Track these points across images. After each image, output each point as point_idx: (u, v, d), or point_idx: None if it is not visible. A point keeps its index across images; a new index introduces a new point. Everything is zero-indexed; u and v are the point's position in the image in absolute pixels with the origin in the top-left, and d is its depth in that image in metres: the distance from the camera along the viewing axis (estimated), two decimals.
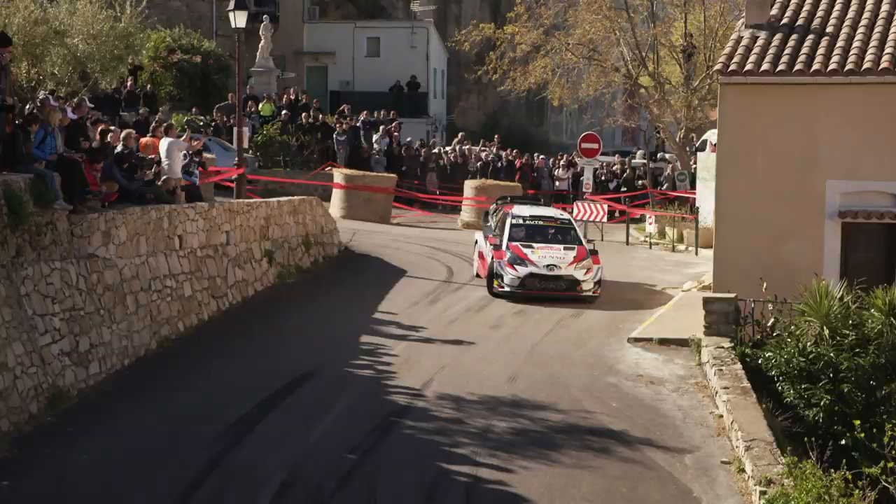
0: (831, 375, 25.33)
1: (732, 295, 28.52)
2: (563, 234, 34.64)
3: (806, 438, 23.67)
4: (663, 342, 28.65)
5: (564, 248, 33.39)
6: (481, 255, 34.63)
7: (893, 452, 21.85)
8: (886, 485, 21.48)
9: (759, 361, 26.59)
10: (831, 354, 25.49)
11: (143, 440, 20.84)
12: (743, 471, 21.76)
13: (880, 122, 30.22)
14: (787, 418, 25.37)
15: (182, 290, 26.91)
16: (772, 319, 27.99)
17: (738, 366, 26.20)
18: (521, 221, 34.67)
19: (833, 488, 20.30)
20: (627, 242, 45.45)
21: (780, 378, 25.97)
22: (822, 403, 25.12)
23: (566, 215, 37.91)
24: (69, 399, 22.12)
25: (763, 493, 20.46)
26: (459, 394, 24.45)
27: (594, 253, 34.03)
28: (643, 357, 27.83)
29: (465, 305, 31.50)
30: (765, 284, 28.32)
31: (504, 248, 32.84)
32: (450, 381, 25.25)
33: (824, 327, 26.04)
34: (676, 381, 26.43)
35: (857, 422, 23.65)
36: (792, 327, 26.94)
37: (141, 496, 18.49)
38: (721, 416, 24.34)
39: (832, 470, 21.21)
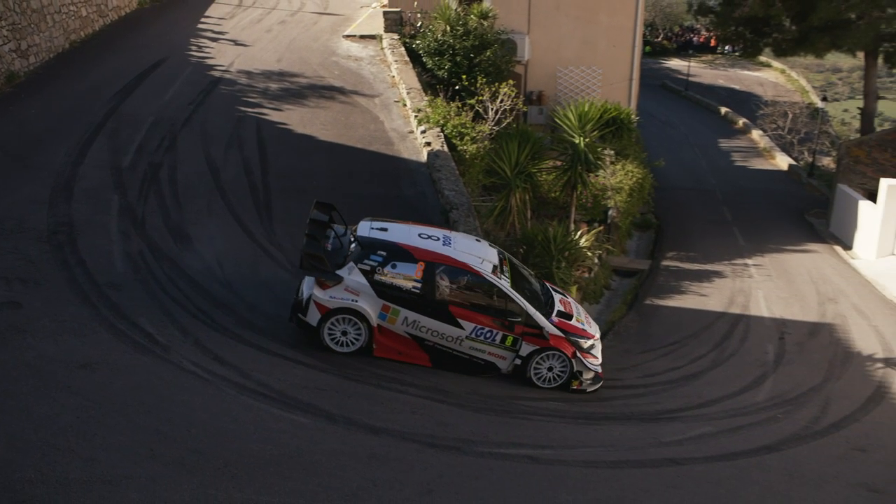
0: (451, 52, 26.35)
1: (398, 9, 28.96)
2: None
3: (438, 86, 25.48)
4: (363, 37, 28.76)
5: None
6: None
7: (480, 94, 24.17)
8: (478, 108, 24.30)
9: (413, 46, 27.34)
10: (451, 40, 26.44)
11: (67, 100, 20.92)
12: (405, 105, 23.00)
13: None
14: (429, 76, 26.44)
15: (80, 12, 26.08)
16: (419, 22, 28.46)
17: (402, 49, 27.01)
18: None
19: (452, 111, 22.12)
20: None
21: (425, 54, 26.92)
22: (446, 67, 26.31)
23: None
24: (19, 78, 21.87)
25: (415, 115, 21.90)
26: (250, 69, 24.59)
27: None
28: (352, 46, 28.05)
29: (250, 20, 30.67)
30: (415, 3, 29.07)
31: None
32: (244, 62, 25.17)
33: (447, 25, 26.70)
34: (369, 58, 26.84)
35: (464, 76, 25.42)
36: (430, 26, 27.45)
37: (69, 135, 18.89)
38: (393, 77, 25.13)
39: (451, 102, 23.06)
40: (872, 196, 28.38)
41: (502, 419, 11.49)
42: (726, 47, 64.34)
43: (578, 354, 13.49)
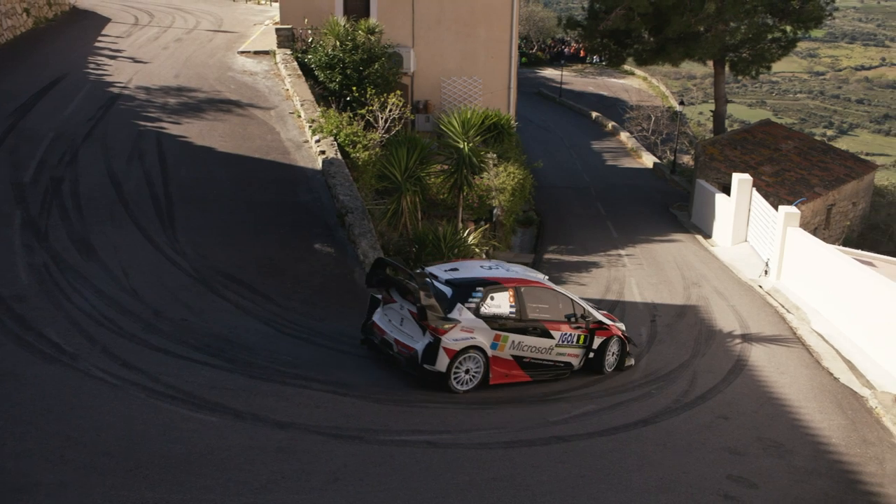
0: (341, 66, 26.20)
1: (290, 26, 28.71)
2: None
3: (330, 98, 25.41)
4: (257, 53, 28.35)
5: None
6: None
7: (371, 105, 23.90)
8: (369, 117, 24.28)
9: (306, 60, 27.06)
10: (341, 55, 26.27)
11: None
12: (300, 116, 22.79)
13: None
14: (321, 88, 26.20)
15: None
16: (311, 38, 28.16)
17: (295, 63, 26.74)
18: None
19: (344, 121, 22.17)
20: (234, 0, 43.25)
21: (317, 68, 26.68)
22: (337, 80, 26.18)
23: None
24: None
25: (310, 126, 21.68)
26: (148, 85, 24.00)
27: None
28: (247, 61, 27.64)
29: (146, 38, 30.04)
30: (306, 20, 28.87)
31: None
32: (142, 79, 24.56)
33: (337, 40, 26.50)
34: (264, 73, 26.50)
35: (355, 88, 25.26)
36: (321, 42, 27.17)
37: None
38: (288, 90, 24.86)
39: (343, 112, 23.01)
40: (727, 189, 29.36)
41: (402, 409, 11.44)
42: (594, 57, 65.57)
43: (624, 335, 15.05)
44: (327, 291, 15.77)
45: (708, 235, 30.33)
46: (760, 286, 23.18)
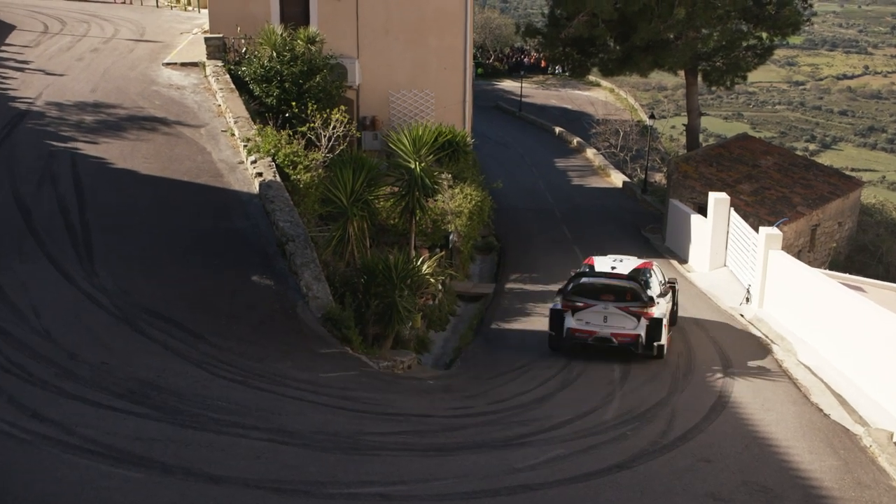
0: (279, 78, 26.09)
1: (221, 35, 28.60)
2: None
3: (268, 114, 25.15)
4: (184, 65, 28.16)
5: None
6: None
7: (312, 121, 24.28)
8: (310, 135, 24.17)
9: (239, 73, 26.97)
10: (278, 66, 26.17)
11: None
12: (234, 135, 22.74)
13: None
14: (257, 104, 26.13)
15: None
16: (244, 48, 28.19)
17: (228, 76, 26.61)
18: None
19: (283, 139, 22.00)
20: (157, 6, 43.20)
21: (252, 82, 26.62)
22: (275, 94, 26.05)
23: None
24: None
25: (245, 145, 21.66)
26: (60, 101, 23.74)
27: None
28: (173, 74, 27.44)
29: (58, 48, 29.66)
30: (238, 28, 28.73)
31: None
32: (53, 93, 24.27)
33: (273, 51, 26.43)
34: (193, 87, 26.37)
35: (294, 103, 25.19)
36: (256, 52, 27.12)
37: None
38: (220, 105, 24.80)
39: (282, 130, 22.86)
40: (703, 210, 29.69)
41: (351, 457, 11.30)
42: (556, 68, 66.26)
43: None
44: (267, 328, 15.62)
45: (684, 260, 30.64)
46: (742, 315, 23.44)
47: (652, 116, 48.14)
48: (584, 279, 19.66)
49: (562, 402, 16.29)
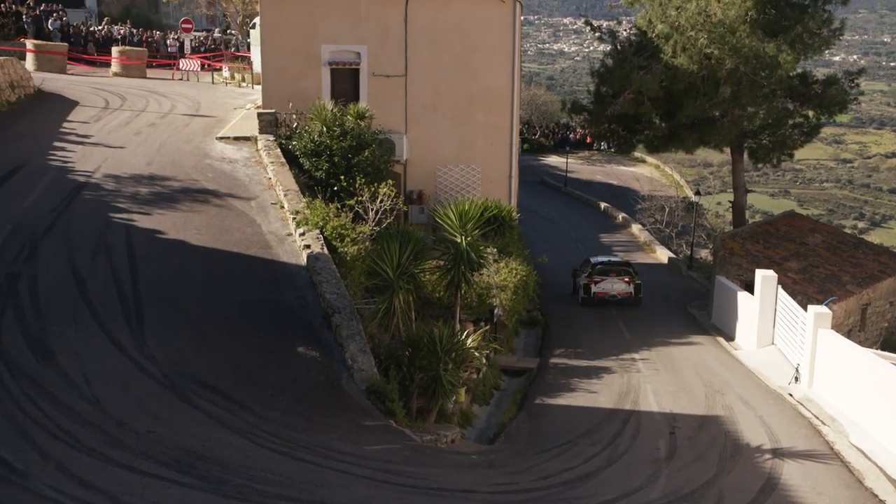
0: (328, 153, 26.47)
1: (273, 111, 29.13)
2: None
3: (316, 188, 25.43)
4: (237, 139, 28.58)
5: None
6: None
7: (360, 195, 24.40)
8: (358, 208, 24.38)
9: (290, 147, 27.32)
10: (328, 141, 26.54)
11: None
12: (283, 207, 22.88)
13: (348, 12, 30.73)
14: (306, 177, 26.37)
15: None
16: (295, 123, 28.64)
17: (278, 150, 26.97)
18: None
19: (331, 212, 22.01)
20: (213, 82, 44.08)
21: (302, 155, 26.94)
22: (324, 168, 26.39)
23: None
24: None
25: (294, 217, 21.77)
26: (117, 173, 24.08)
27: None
28: (226, 148, 27.87)
29: (117, 122, 30.31)
30: (290, 104, 29.23)
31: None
32: (111, 166, 24.64)
33: (323, 126, 26.83)
34: (244, 160, 26.74)
35: (343, 177, 25.42)
36: (307, 127, 27.61)
37: None
38: (270, 178, 25.05)
39: (330, 203, 23.06)
40: (749, 287, 29.33)
41: None
42: (601, 144, 66.56)
43: None
44: (311, 400, 15.57)
45: (730, 337, 30.20)
46: (790, 394, 22.96)
47: (697, 193, 47.92)
48: (598, 266, 35.87)
49: (607, 479, 15.99)
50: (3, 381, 13.39)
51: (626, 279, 34.77)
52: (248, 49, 46.94)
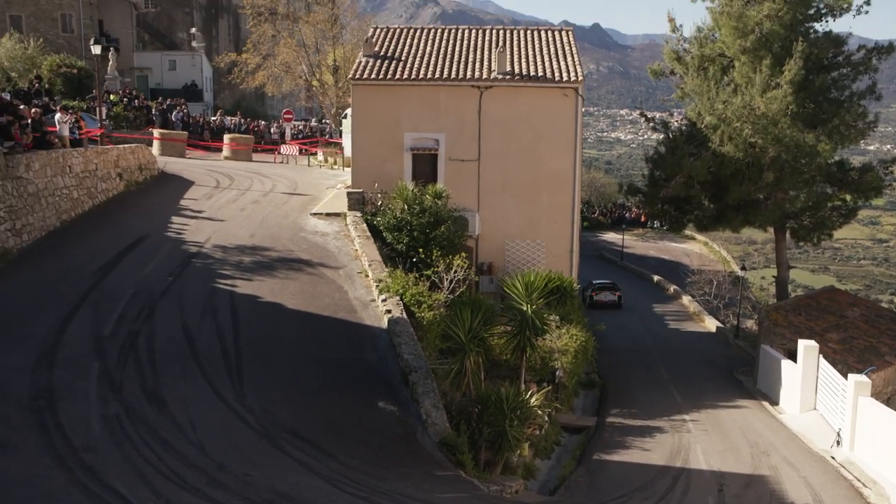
0: (409, 228, 26.76)
1: (361, 190, 29.70)
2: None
3: (397, 259, 25.66)
4: (328, 215, 29.02)
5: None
6: None
7: (436, 266, 24.36)
8: (434, 278, 24.49)
9: (375, 222, 27.69)
10: (408, 217, 26.90)
11: (54, 274, 20.67)
12: (368, 276, 23.06)
13: (428, 104, 31.31)
14: (388, 249, 26.64)
15: (72, 195, 26.22)
16: (380, 201, 29.04)
17: (364, 225, 27.38)
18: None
19: (410, 281, 22.14)
20: (308, 165, 44.73)
21: (385, 230, 27.25)
22: (404, 241, 26.66)
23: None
24: (11, 255, 21.66)
25: (377, 285, 21.95)
26: (224, 244, 24.63)
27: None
28: (318, 223, 28.28)
29: (226, 200, 30.96)
30: (376, 184, 29.72)
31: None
32: (219, 238, 25.21)
33: (405, 204, 27.25)
34: (334, 234, 27.04)
35: (421, 250, 25.57)
36: (390, 205, 28.01)
37: (55, 306, 18.63)
38: (356, 250, 25.28)
39: (410, 273, 23.19)
40: (792, 355, 28.66)
41: None
42: (655, 222, 66.09)
43: None
44: (389, 451, 15.56)
45: (775, 402, 29.40)
46: (833, 457, 22.21)
47: (743, 268, 47.22)
48: (597, 285, 47.61)
49: None
50: (122, 425, 13.69)
51: (615, 292, 47.31)
52: (340, 136, 47.81)
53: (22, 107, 27.62)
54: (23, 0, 61.66)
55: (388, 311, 20.71)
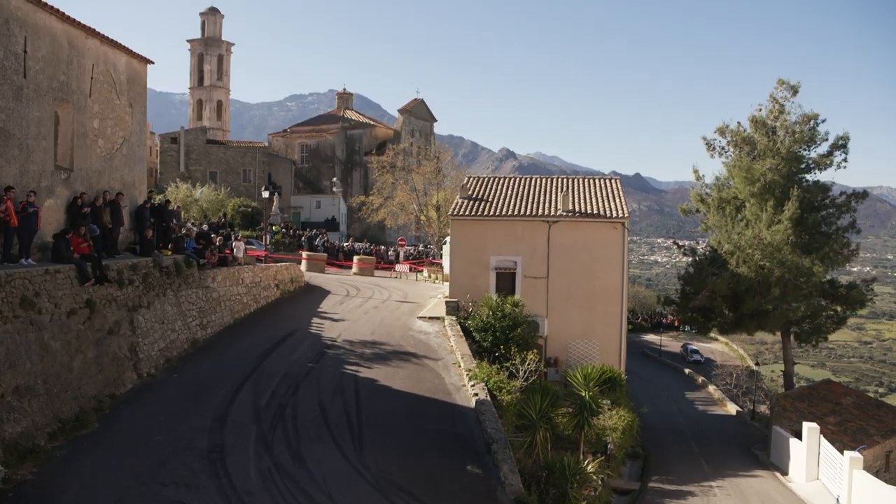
0: (493, 329, 26.42)
1: (456, 299, 29.59)
2: None
3: (483, 353, 25.20)
4: (430, 318, 28.73)
5: None
6: None
7: (513, 360, 23.77)
8: (512, 369, 23.97)
9: (466, 324, 27.37)
10: (493, 321, 26.59)
11: (228, 359, 21.00)
12: (460, 366, 22.65)
13: (509, 234, 31.10)
14: (476, 346, 26.16)
15: (243, 300, 26.79)
16: (471, 308, 28.74)
17: (458, 327, 27.03)
18: None
19: (493, 371, 21.74)
20: (416, 279, 44.81)
21: (474, 331, 26.89)
22: (489, 340, 26.25)
23: None
24: (199, 344, 22.11)
25: (467, 373, 21.56)
26: (352, 339, 24.63)
27: None
28: (423, 324, 27.98)
29: (354, 305, 31.05)
30: (468, 295, 29.66)
31: None
32: (347, 334, 25.25)
33: (489, 311, 26.98)
34: (435, 333, 26.72)
35: (502, 346, 25.24)
36: (478, 311, 27.71)
37: (227, 382, 18.90)
38: (452, 346, 24.94)
39: (493, 365, 22.88)
40: (798, 435, 27.11)
41: None
42: (686, 326, 64.17)
43: None
44: None
45: (785, 473, 27.48)
46: None
47: (757, 363, 45.33)
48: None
49: None
50: (273, 477, 13.64)
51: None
52: (441, 258, 48.30)
53: (212, 235, 28.89)
54: (218, 160, 66.10)
55: (476, 394, 20.33)
